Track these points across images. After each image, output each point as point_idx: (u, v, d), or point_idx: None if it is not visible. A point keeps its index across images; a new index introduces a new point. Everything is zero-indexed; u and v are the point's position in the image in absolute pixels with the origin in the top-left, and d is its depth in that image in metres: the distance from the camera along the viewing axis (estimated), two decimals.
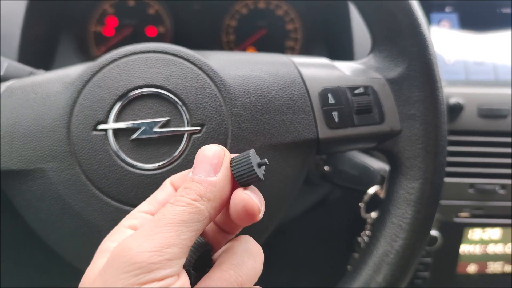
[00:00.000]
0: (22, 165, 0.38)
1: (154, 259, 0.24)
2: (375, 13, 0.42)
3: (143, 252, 0.25)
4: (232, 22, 0.86)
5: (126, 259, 0.25)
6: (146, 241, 0.25)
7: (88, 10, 0.82)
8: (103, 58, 0.39)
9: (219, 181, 0.29)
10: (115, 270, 0.25)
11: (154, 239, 0.25)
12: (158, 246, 0.25)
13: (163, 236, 0.26)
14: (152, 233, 0.26)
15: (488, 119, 0.68)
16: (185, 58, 0.39)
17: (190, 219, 0.27)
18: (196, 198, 0.28)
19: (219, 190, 0.29)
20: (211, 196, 0.28)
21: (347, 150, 0.45)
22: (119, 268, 0.25)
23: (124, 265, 0.24)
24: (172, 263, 0.25)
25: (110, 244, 0.29)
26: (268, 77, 0.40)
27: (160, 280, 0.24)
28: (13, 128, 0.38)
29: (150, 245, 0.25)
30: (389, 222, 0.41)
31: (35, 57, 0.70)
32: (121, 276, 0.24)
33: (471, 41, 0.76)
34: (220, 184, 0.29)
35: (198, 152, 0.30)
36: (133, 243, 0.25)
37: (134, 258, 0.24)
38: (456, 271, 0.72)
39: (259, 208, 0.29)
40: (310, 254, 0.86)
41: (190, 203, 0.27)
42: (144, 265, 0.24)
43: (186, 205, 0.27)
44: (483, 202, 0.68)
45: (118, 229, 0.30)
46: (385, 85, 0.42)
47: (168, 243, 0.25)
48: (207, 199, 0.28)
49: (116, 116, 0.38)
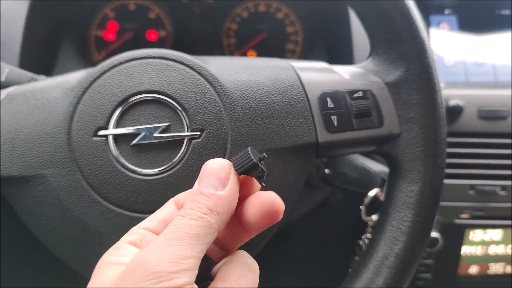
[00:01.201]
0: (23, 171, 0.38)
1: (172, 269, 0.25)
2: (374, 16, 0.42)
3: (161, 263, 0.25)
4: (232, 26, 0.86)
5: (145, 270, 0.25)
6: (164, 253, 0.26)
7: (89, 15, 0.82)
8: (103, 64, 0.39)
9: (227, 196, 0.30)
10: (134, 280, 0.25)
11: (171, 252, 0.26)
12: (176, 257, 0.26)
13: (178, 248, 0.26)
14: (168, 246, 0.26)
15: (488, 120, 0.68)
16: (185, 63, 0.39)
17: (202, 232, 0.28)
18: (207, 212, 0.29)
19: (227, 204, 0.30)
20: (220, 210, 0.29)
21: (347, 153, 0.46)
22: (138, 278, 0.25)
23: (143, 275, 0.25)
24: (189, 273, 0.26)
25: (111, 259, 0.29)
26: (267, 81, 0.40)
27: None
28: (14, 135, 0.38)
29: (168, 257, 0.26)
30: (389, 225, 0.41)
31: (36, 62, 0.70)
32: (141, 284, 0.25)
33: (470, 42, 0.76)
34: (229, 198, 0.30)
35: (204, 165, 0.31)
36: (150, 255, 0.26)
37: (153, 268, 0.25)
38: (458, 272, 0.72)
39: (283, 206, 0.30)
40: (312, 256, 0.86)
41: (202, 217, 0.28)
42: (163, 274, 0.25)
43: (198, 218, 0.28)
44: (483, 204, 0.68)
45: (119, 245, 0.30)
46: (384, 88, 0.42)
47: (184, 255, 0.26)
48: (216, 213, 0.29)
49: (117, 122, 0.38)
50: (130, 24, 0.83)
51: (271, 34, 0.86)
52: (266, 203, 0.30)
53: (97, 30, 0.83)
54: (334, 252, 0.81)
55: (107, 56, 0.81)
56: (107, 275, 0.28)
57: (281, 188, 0.40)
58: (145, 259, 0.26)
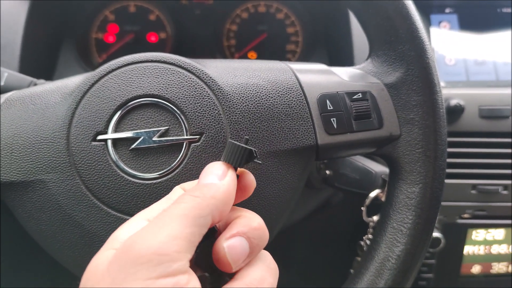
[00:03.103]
0: (22, 176, 0.38)
1: (161, 251, 0.25)
2: (373, 17, 0.42)
3: (150, 245, 0.25)
4: (232, 27, 0.86)
5: (134, 254, 0.25)
6: (152, 235, 0.26)
7: (89, 17, 0.82)
8: (101, 68, 0.39)
9: (224, 184, 0.30)
10: (123, 267, 0.25)
11: (160, 233, 0.26)
12: (165, 238, 0.25)
13: (167, 229, 0.26)
14: (157, 227, 0.26)
15: (489, 120, 0.68)
16: (183, 67, 0.39)
17: (193, 213, 0.27)
18: (199, 195, 0.29)
19: (224, 192, 0.30)
20: (215, 195, 0.29)
21: (347, 155, 0.45)
22: (127, 264, 0.25)
23: (132, 259, 0.25)
24: (180, 255, 0.25)
25: (121, 233, 0.29)
26: (266, 84, 0.40)
27: (173, 276, 0.25)
28: (13, 140, 0.38)
29: (156, 238, 0.25)
30: (389, 227, 0.41)
31: (36, 65, 0.70)
32: (130, 271, 0.24)
33: (471, 41, 0.76)
34: (225, 186, 0.30)
35: (204, 168, 0.32)
36: (139, 238, 0.26)
37: (142, 251, 0.25)
38: (460, 272, 0.72)
39: (231, 267, 0.29)
40: (314, 256, 0.86)
41: (193, 199, 0.28)
42: (153, 257, 0.24)
43: (189, 201, 0.28)
44: (485, 203, 0.68)
45: (134, 219, 0.30)
46: (383, 90, 0.42)
47: (173, 235, 0.26)
48: (210, 197, 0.29)
49: (115, 126, 0.38)
50: (130, 26, 0.83)
51: (271, 35, 0.86)
52: (215, 256, 0.29)
53: (97, 33, 0.83)
54: (335, 253, 0.81)
55: (108, 59, 0.81)
56: (106, 255, 0.27)
57: (281, 190, 0.40)
58: (134, 242, 0.26)
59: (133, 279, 0.24)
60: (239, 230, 0.29)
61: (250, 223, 0.30)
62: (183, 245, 0.26)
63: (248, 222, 0.30)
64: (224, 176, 0.31)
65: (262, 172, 0.39)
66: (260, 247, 0.30)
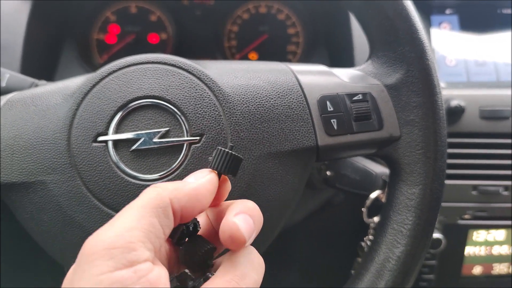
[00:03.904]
0: (23, 177, 0.38)
1: (114, 244, 0.24)
2: (373, 19, 0.42)
3: (103, 240, 0.25)
4: (233, 28, 0.86)
5: (87, 252, 0.25)
6: (106, 230, 0.26)
7: (91, 18, 0.83)
8: (102, 69, 0.40)
9: (195, 182, 0.30)
10: (78, 266, 0.25)
11: (114, 226, 0.26)
12: (118, 231, 0.25)
13: (122, 221, 0.26)
14: (113, 221, 0.26)
15: (490, 120, 0.68)
16: (184, 68, 0.39)
17: (149, 203, 0.27)
18: (161, 186, 0.29)
19: (192, 188, 0.29)
20: (178, 187, 0.29)
21: (347, 156, 0.45)
22: (81, 263, 0.25)
23: (85, 257, 0.25)
24: (135, 245, 0.25)
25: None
26: (266, 85, 0.40)
27: (130, 266, 0.24)
28: (14, 141, 0.39)
29: (109, 233, 0.25)
30: (389, 228, 0.41)
31: (38, 66, 0.71)
32: (84, 269, 0.24)
33: (472, 42, 0.76)
34: (195, 184, 0.30)
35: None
36: (94, 236, 0.26)
37: (94, 248, 0.25)
38: (461, 272, 0.72)
39: (245, 239, 0.28)
40: (315, 257, 0.86)
41: (153, 190, 0.28)
42: (105, 252, 0.24)
43: (149, 192, 0.28)
44: (486, 204, 0.68)
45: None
46: (383, 91, 0.42)
47: (128, 226, 0.26)
48: (172, 189, 0.29)
49: (116, 127, 0.38)
50: (132, 27, 0.84)
51: (272, 36, 0.86)
52: (226, 234, 0.29)
53: (98, 34, 0.83)
54: (336, 253, 0.81)
55: (109, 59, 0.82)
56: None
57: (281, 192, 0.40)
58: (89, 241, 0.25)
59: (87, 277, 0.24)
60: (240, 209, 0.29)
61: (246, 204, 0.30)
62: (139, 235, 0.25)
63: (243, 204, 0.30)
64: (201, 178, 0.30)
65: (263, 173, 0.39)
66: (259, 227, 0.30)
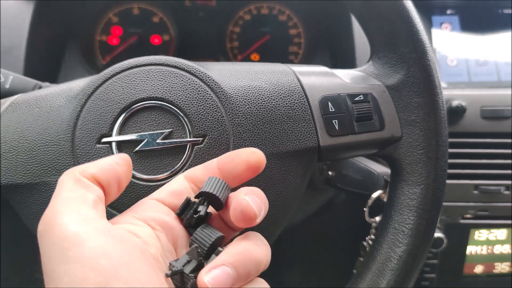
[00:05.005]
0: (27, 179, 0.38)
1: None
2: (373, 20, 0.43)
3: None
4: (235, 29, 0.86)
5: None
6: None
7: (94, 20, 0.83)
8: (105, 71, 0.40)
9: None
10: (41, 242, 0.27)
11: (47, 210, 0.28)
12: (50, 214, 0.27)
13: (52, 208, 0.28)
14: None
15: (491, 120, 0.68)
16: (186, 69, 0.40)
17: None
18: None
19: (105, 160, 0.31)
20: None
21: (349, 157, 0.46)
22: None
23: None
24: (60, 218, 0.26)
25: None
26: (268, 86, 0.41)
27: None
28: (18, 143, 0.39)
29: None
30: (391, 227, 0.42)
31: (41, 68, 0.71)
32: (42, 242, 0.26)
33: (473, 42, 0.76)
34: (108, 159, 0.31)
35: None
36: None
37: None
38: (463, 272, 0.72)
39: (256, 214, 0.30)
40: (317, 256, 0.86)
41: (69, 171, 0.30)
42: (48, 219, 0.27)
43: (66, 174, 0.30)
44: (488, 204, 0.68)
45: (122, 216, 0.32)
46: (384, 91, 0.43)
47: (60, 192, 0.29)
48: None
49: (120, 129, 0.38)
50: (134, 29, 0.84)
51: (274, 36, 0.86)
52: (238, 210, 0.30)
53: (101, 35, 0.84)
54: (338, 253, 0.82)
55: (112, 61, 0.82)
56: None
57: (283, 192, 0.40)
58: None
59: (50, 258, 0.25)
60: (247, 192, 0.30)
61: (252, 188, 0.31)
62: (67, 206, 0.27)
63: (250, 188, 0.31)
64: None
65: (265, 174, 0.39)
66: (266, 209, 0.31)
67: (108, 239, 0.25)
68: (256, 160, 0.33)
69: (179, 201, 0.33)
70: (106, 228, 0.26)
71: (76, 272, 0.23)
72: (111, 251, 0.25)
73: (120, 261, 0.24)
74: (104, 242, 0.25)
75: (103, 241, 0.25)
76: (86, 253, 0.24)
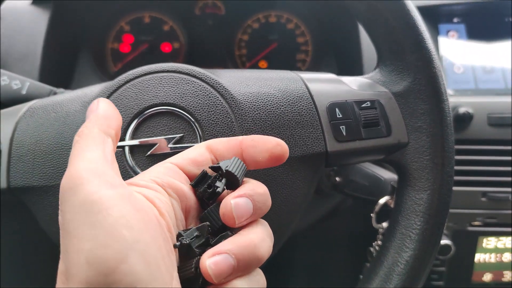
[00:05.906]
0: (43, 181, 0.40)
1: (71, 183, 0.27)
2: (380, 28, 0.43)
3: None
4: (244, 37, 0.87)
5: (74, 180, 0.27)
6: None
7: (106, 28, 0.84)
8: (119, 78, 0.41)
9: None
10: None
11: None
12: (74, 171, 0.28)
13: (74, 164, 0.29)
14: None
15: (498, 127, 0.68)
16: (197, 76, 0.41)
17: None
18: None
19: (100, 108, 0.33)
20: (92, 108, 0.33)
21: (356, 162, 0.46)
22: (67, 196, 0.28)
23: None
24: (88, 179, 0.27)
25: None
26: (277, 93, 0.42)
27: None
28: (35, 146, 0.40)
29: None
30: (398, 232, 0.42)
31: (55, 75, 0.72)
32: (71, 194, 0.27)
33: (479, 50, 0.77)
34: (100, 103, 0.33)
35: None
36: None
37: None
38: (472, 279, 0.72)
39: (234, 222, 0.30)
40: (323, 262, 0.86)
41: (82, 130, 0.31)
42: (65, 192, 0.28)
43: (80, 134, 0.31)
44: (496, 211, 0.68)
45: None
46: (391, 98, 0.43)
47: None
48: (91, 117, 0.32)
49: (132, 133, 0.39)
50: (145, 37, 0.85)
51: (281, 44, 0.87)
52: (221, 211, 0.31)
53: (113, 43, 0.85)
54: (345, 259, 0.82)
55: (123, 68, 0.83)
56: None
57: (291, 196, 0.41)
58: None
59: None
60: (246, 192, 0.31)
61: (256, 188, 0.32)
62: (92, 168, 0.27)
63: (254, 187, 0.32)
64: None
65: (273, 178, 0.40)
66: (263, 211, 0.32)
67: (130, 208, 0.26)
68: (280, 153, 0.34)
69: (197, 170, 0.33)
70: (129, 196, 0.27)
71: (100, 238, 0.24)
72: (133, 222, 0.25)
73: (139, 233, 0.25)
74: (127, 212, 0.26)
75: (127, 211, 0.26)
76: (110, 221, 0.25)
